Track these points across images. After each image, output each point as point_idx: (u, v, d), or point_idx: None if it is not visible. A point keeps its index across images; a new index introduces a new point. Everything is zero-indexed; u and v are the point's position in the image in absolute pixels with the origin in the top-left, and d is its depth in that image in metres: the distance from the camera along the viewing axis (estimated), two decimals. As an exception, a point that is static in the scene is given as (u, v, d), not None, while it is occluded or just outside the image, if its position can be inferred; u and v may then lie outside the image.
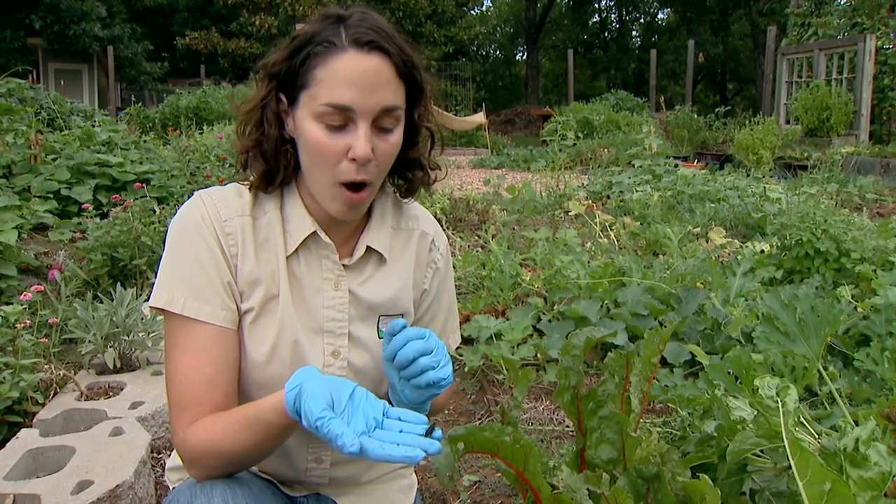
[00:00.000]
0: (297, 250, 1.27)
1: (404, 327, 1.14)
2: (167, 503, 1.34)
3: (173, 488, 1.36)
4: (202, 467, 1.17)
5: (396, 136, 1.21)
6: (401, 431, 0.99)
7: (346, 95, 1.13)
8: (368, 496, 1.47)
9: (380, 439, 0.97)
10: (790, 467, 1.42)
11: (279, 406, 1.06)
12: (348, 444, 0.93)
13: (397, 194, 1.40)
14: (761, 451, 1.35)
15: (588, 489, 1.22)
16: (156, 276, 1.24)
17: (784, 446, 1.26)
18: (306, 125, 1.16)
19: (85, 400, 2.55)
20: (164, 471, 2.38)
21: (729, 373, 2.26)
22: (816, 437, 1.22)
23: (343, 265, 1.30)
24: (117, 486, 1.98)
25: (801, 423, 1.21)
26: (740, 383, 2.13)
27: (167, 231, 1.27)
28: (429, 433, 1.00)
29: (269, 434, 1.11)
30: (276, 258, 1.26)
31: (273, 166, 1.25)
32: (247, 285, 1.24)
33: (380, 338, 1.33)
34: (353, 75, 1.13)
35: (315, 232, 1.27)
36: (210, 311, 1.19)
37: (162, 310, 1.19)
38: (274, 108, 1.22)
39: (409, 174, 1.36)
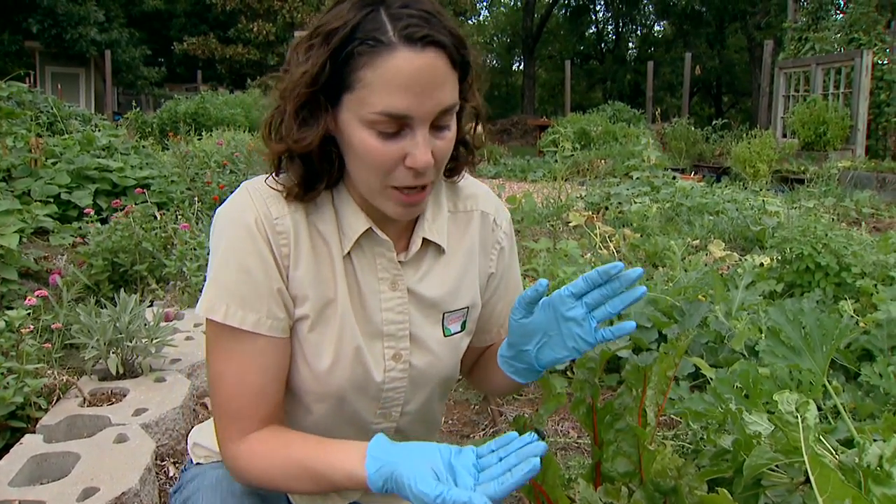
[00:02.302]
0: (350, 250, 1.18)
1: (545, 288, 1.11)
2: (183, 482, 1.32)
3: (196, 464, 1.34)
4: (251, 484, 1.16)
5: (453, 130, 1.10)
6: (500, 459, 0.97)
7: (402, 103, 1.01)
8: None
9: (492, 479, 0.95)
10: (807, 482, 1.42)
11: (358, 481, 1.01)
12: (479, 502, 0.90)
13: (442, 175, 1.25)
14: (777, 466, 1.35)
15: (605, 502, 1.22)
16: (158, 281, 1.21)
17: (801, 461, 1.26)
18: (355, 132, 1.05)
19: (88, 406, 2.54)
20: (168, 478, 2.38)
21: (736, 386, 2.27)
22: (834, 453, 1.23)
23: (399, 262, 1.21)
24: (123, 493, 1.97)
25: (819, 439, 1.21)
26: (748, 397, 2.14)
27: (211, 225, 1.17)
28: (522, 432, 1.00)
29: (334, 489, 1.09)
30: (332, 259, 1.17)
31: (317, 169, 1.13)
32: (300, 290, 1.15)
33: (445, 336, 1.26)
34: (408, 79, 1.00)
35: (370, 229, 1.17)
36: (255, 320, 1.11)
37: (209, 318, 1.13)
38: (312, 109, 1.08)
39: (454, 153, 1.21)
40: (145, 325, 2.85)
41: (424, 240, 1.23)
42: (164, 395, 2.61)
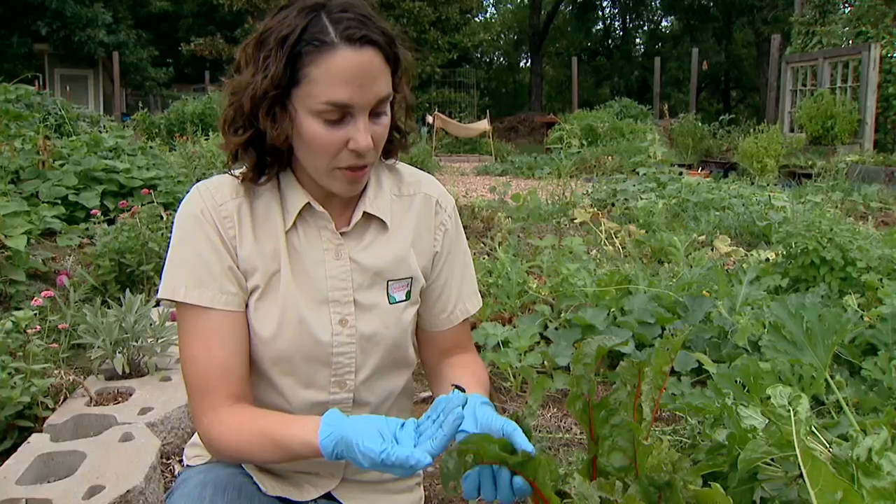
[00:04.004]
0: (295, 224, 1.31)
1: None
2: (174, 488, 1.39)
3: (187, 466, 1.44)
4: (223, 457, 1.28)
5: (388, 117, 1.25)
6: (434, 420, 1.09)
7: (345, 93, 1.15)
8: (381, 499, 1.48)
9: (428, 438, 1.06)
10: (801, 476, 1.43)
11: (312, 447, 1.12)
12: (421, 459, 1.02)
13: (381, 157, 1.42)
14: (772, 459, 1.36)
15: (600, 497, 1.22)
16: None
17: (795, 455, 1.27)
18: (303, 121, 1.19)
19: (94, 405, 2.57)
20: (173, 476, 2.40)
21: (737, 381, 2.27)
22: (827, 446, 1.23)
23: (341, 233, 1.34)
24: (128, 491, 1.99)
25: (812, 432, 1.22)
26: (748, 392, 2.14)
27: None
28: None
29: (293, 458, 1.19)
30: (276, 235, 1.30)
31: (267, 157, 1.28)
32: (248, 265, 1.28)
33: (390, 303, 1.37)
34: (348, 73, 1.15)
35: (309, 203, 1.30)
36: (211, 296, 1.24)
37: (169, 300, 1.26)
38: (266, 105, 1.21)
39: (389, 137, 1.35)
40: (151, 324, 2.87)
41: (367, 214, 1.35)
42: (170, 394, 2.63)
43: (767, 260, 4.63)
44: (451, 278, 1.46)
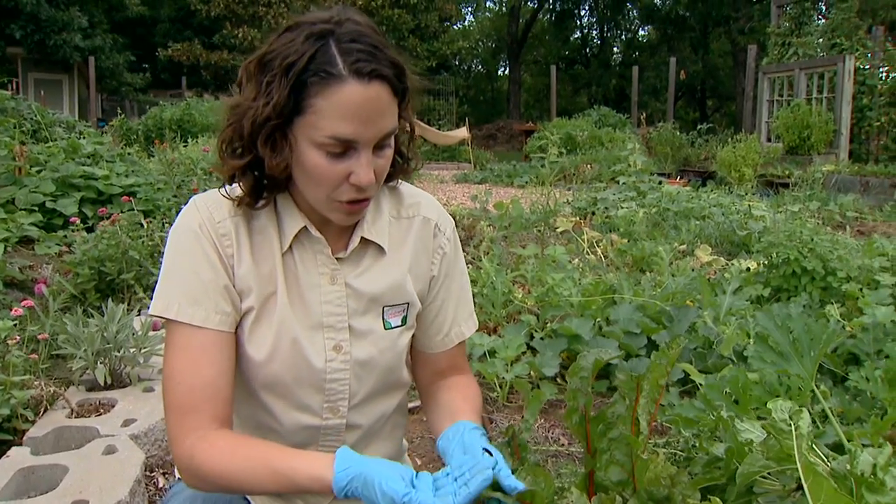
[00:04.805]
0: (291, 247, 1.28)
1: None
2: (165, 500, 1.36)
3: (178, 479, 1.36)
4: (205, 484, 1.19)
5: (392, 149, 1.23)
6: (455, 479, 1.06)
7: (350, 129, 1.12)
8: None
9: (449, 493, 1.04)
10: (798, 490, 1.43)
11: (321, 481, 1.08)
12: None
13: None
14: (768, 473, 1.36)
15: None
16: (146, 289, 1.25)
17: (793, 469, 1.27)
18: (305, 151, 1.15)
19: (76, 417, 2.52)
20: (157, 490, 2.36)
21: (726, 392, 2.27)
22: (825, 460, 1.23)
23: (338, 258, 1.30)
24: (113, 506, 1.96)
25: (812, 447, 1.22)
26: (737, 403, 2.14)
27: (167, 239, 1.28)
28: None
29: (292, 490, 1.14)
30: (273, 256, 1.27)
31: (265, 181, 1.24)
32: (244, 285, 1.25)
33: (386, 329, 1.34)
34: (356, 108, 1.11)
35: (305, 227, 1.27)
36: (204, 316, 1.20)
37: (160, 317, 1.21)
38: (266, 132, 1.16)
39: (391, 163, 1.31)
40: (133, 334, 2.83)
41: (364, 239, 1.32)
42: (153, 405, 2.59)
43: (748, 269, 4.66)
44: (447, 301, 1.43)
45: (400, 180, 1.40)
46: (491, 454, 1.13)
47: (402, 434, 1.55)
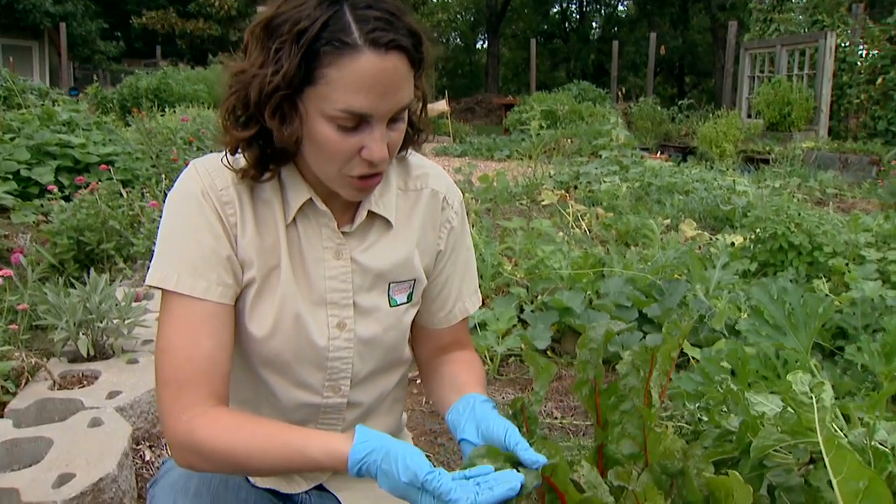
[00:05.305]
0: (295, 220, 1.21)
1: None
2: (157, 477, 1.32)
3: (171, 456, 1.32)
4: (205, 461, 1.11)
5: (405, 122, 1.16)
6: (478, 484, 1.02)
7: (364, 103, 1.05)
8: (372, 491, 1.43)
9: (475, 491, 0.99)
10: (810, 463, 1.41)
11: (335, 454, 1.04)
12: (461, 498, 0.96)
13: None
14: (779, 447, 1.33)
15: (609, 485, 1.19)
16: (126, 260, 1.18)
17: (807, 442, 1.25)
18: (314, 124, 1.08)
19: (58, 389, 2.46)
20: (144, 463, 2.32)
21: (722, 365, 2.26)
22: (843, 433, 1.21)
23: (344, 232, 1.24)
24: (100, 479, 1.90)
25: (834, 420, 1.19)
26: (734, 375, 2.13)
27: (164, 205, 1.20)
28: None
29: (305, 466, 1.09)
30: (276, 228, 1.20)
31: (274, 154, 1.16)
32: (247, 256, 1.18)
33: (391, 306, 1.29)
34: (371, 81, 1.04)
35: (311, 199, 1.20)
36: (205, 287, 1.14)
37: (158, 287, 1.14)
38: (289, 106, 1.10)
39: None
40: (116, 305, 2.76)
41: (371, 213, 1.26)
42: (138, 376, 2.53)
43: (733, 244, 4.67)
44: (452, 276, 1.38)
45: (409, 151, 1.33)
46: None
47: (402, 409, 1.52)
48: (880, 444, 1.11)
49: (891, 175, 7.95)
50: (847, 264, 3.90)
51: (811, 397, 1.14)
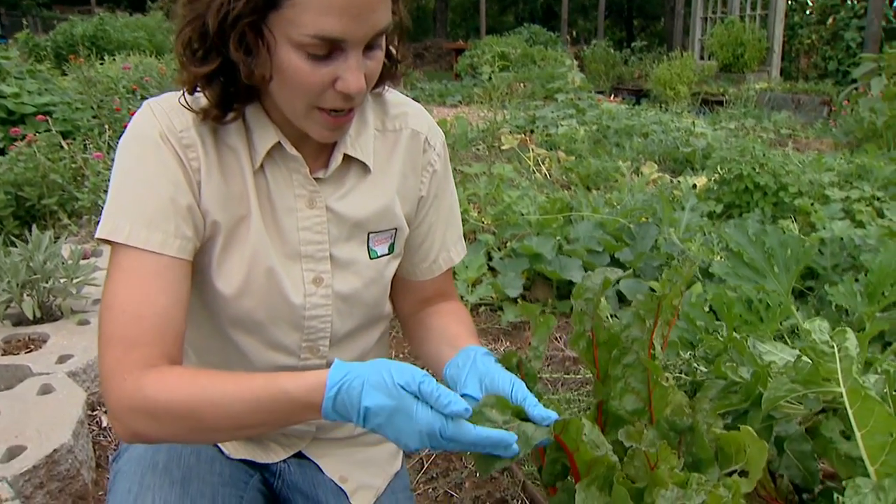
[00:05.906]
0: (262, 166, 1.08)
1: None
2: (121, 451, 1.20)
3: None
4: (157, 424, 0.95)
5: (382, 50, 1.02)
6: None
7: (337, 26, 0.91)
8: (353, 457, 1.33)
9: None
10: (822, 412, 1.35)
11: (310, 381, 0.91)
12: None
13: None
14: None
15: (628, 445, 1.10)
16: (70, 215, 1.02)
17: (819, 392, 1.17)
18: (282, 52, 0.94)
19: (3, 355, 2.31)
20: (100, 429, 2.18)
21: (706, 310, 2.20)
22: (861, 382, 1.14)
23: (317, 179, 1.12)
24: (55, 450, 1.78)
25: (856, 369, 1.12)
26: (718, 320, 2.07)
27: (117, 150, 1.05)
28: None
29: (276, 407, 0.93)
30: (243, 174, 1.07)
31: (238, 91, 1.03)
32: (210, 205, 1.05)
33: (371, 258, 1.18)
34: (343, 1, 0.90)
35: (279, 143, 1.08)
36: (161, 240, 1.00)
37: (108, 241, 1.00)
38: (238, 32, 0.95)
39: None
40: (62, 263, 2.59)
41: (347, 157, 1.14)
42: (90, 338, 2.38)
43: (695, 186, 4.63)
44: (436, 224, 1.26)
45: (386, 87, 1.19)
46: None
47: None
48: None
49: (842, 115, 7.99)
50: (812, 204, 3.88)
51: (832, 346, 1.06)
